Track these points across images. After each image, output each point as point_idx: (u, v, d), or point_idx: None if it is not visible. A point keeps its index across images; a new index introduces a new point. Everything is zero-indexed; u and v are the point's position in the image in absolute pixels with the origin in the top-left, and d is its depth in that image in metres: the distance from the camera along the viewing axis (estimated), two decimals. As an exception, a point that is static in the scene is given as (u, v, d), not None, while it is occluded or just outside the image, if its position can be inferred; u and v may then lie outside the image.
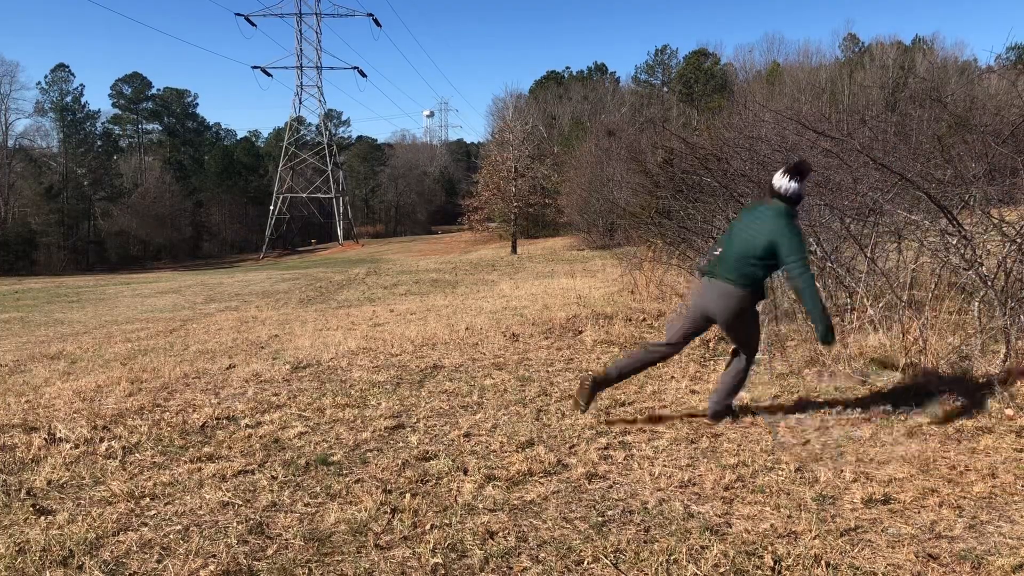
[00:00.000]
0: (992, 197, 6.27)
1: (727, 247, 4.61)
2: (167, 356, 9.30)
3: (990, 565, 2.88)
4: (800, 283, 4.30)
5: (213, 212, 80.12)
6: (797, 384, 5.72)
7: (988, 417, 4.63)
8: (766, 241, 4.37)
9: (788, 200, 4.43)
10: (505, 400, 5.64)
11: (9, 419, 5.41)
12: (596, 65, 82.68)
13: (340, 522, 3.42)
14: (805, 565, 2.90)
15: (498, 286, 19.59)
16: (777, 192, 4.46)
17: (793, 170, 4.43)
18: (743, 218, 4.67)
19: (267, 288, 24.25)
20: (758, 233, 4.43)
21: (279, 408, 5.59)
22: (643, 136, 39.89)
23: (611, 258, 23.19)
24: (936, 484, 3.68)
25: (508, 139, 49.60)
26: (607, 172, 39.20)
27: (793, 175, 4.42)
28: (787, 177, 4.41)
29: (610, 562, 2.99)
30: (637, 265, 13.35)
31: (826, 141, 8.43)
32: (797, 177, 4.42)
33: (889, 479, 3.77)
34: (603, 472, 4.02)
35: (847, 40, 70.66)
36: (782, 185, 4.43)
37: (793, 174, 4.42)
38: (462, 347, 7.98)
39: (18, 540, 3.28)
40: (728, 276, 4.53)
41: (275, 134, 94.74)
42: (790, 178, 4.41)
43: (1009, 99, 12.33)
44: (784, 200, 4.44)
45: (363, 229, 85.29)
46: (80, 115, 77.63)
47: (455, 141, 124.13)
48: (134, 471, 4.24)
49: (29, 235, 61.44)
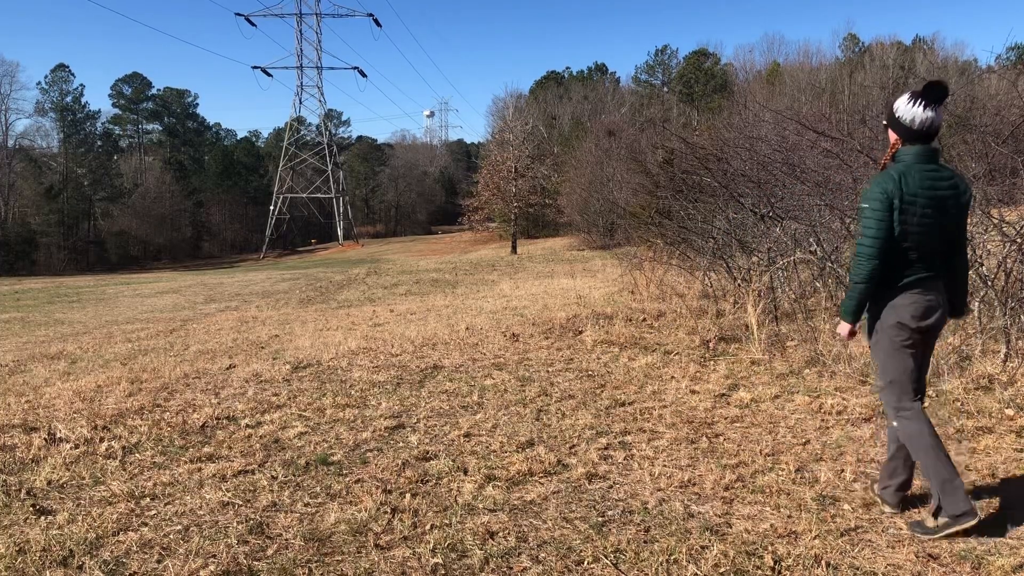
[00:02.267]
0: (992, 197, 6.27)
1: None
2: (167, 356, 9.30)
3: (990, 565, 2.88)
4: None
5: (213, 212, 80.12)
6: (797, 384, 5.72)
7: (988, 417, 4.63)
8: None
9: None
10: (505, 400, 5.64)
11: (9, 419, 5.41)
12: (596, 65, 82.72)
13: (340, 522, 3.42)
14: (805, 565, 2.90)
15: (498, 286, 19.59)
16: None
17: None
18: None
19: (267, 288, 24.24)
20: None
21: (279, 408, 5.58)
22: (643, 136, 39.98)
23: (611, 258, 23.18)
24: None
25: (508, 139, 49.57)
26: (607, 172, 39.25)
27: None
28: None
29: (610, 562, 2.98)
30: (637, 265, 13.35)
31: (826, 141, 8.44)
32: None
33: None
34: (603, 472, 4.01)
35: (847, 40, 70.67)
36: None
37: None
38: (462, 347, 7.98)
39: (18, 540, 3.28)
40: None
41: (275, 134, 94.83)
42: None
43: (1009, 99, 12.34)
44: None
45: (363, 229, 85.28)
46: (80, 115, 77.67)
47: (455, 141, 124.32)
48: (134, 471, 4.24)
49: (29, 235, 61.43)
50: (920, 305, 3.20)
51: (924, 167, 3.18)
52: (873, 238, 3.15)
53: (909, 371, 3.26)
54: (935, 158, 3.23)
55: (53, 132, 74.95)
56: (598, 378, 6.24)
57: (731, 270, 9.59)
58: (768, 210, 8.89)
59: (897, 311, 3.22)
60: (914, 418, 3.24)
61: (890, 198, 3.13)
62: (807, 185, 8.35)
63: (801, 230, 8.18)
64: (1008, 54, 53.27)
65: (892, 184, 3.13)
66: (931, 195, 3.15)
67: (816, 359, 6.20)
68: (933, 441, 3.19)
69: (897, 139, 3.28)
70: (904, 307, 3.20)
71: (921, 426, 3.22)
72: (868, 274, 3.19)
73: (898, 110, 3.24)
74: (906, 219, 3.13)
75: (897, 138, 3.27)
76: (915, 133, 3.20)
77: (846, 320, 3.31)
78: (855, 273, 3.24)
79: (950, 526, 3.10)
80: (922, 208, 3.13)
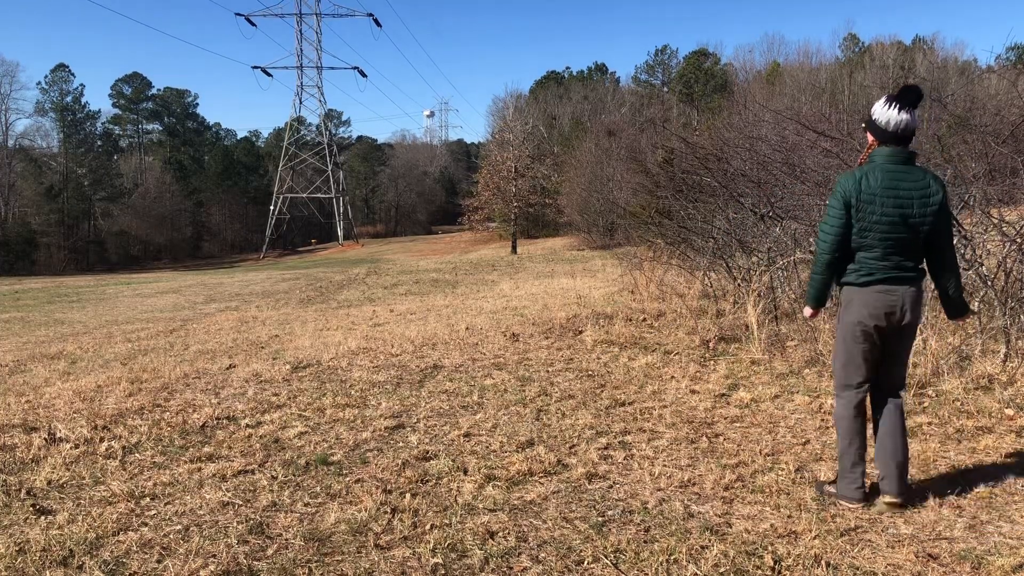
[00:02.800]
0: (992, 197, 6.27)
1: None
2: (167, 356, 9.30)
3: (990, 565, 2.88)
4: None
5: (213, 212, 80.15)
6: (797, 384, 5.72)
7: (988, 417, 4.62)
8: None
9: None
10: (505, 400, 5.64)
11: (9, 419, 5.41)
12: (596, 65, 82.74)
13: (340, 522, 3.42)
14: (805, 565, 2.90)
15: (498, 286, 19.60)
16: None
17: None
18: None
19: (267, 288, 24.24)
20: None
21: (279, 408, 5.59)
22: (643, 136, 40.00)
23: (611, 258, 23.20)
24: (936, 484, 3.67)
25: (508, 139, 49.59)
26: (607, 172, 39.28)
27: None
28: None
29: (610, 562, 2.98)
30: (637, 265, 13.36)
31: (826, 141, 8.44)
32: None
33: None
34: (603, 472, 4.01)
35: (847, 40, 70.70)
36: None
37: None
38: (462, 347, 7.98)
39: (18, 540, 3.28)
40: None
41: (275, 134, 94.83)
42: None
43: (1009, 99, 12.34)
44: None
45: (363, 229, 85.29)
46: (80, 115, 77.72)
47: (455, 141, 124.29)
48: (134, 471, 4.24)
49: (29, 235, 61.44)
50: (879, 304, 3.36)
51: (892, 167, 3.32)
52: (828, 233, 3.38)
53: (857, 362, 3.48)
54: (908, 160, 3.36)
55: (53, 132, 75.12)
56: (598, 378, 6.24)
57: (731, 270, 9.59)
58: (768, 210, 8.88)
59: (857, 307, 3.41)
60: (848, 404, 3.52)
61: (847, 196, 3.32)
62: (807, 185, 8.35)
63: (801, 230, 8.17)
64: (1008, 54, 53.30)
65: (852, 183, 3.33)
66: (892, 195, 3.28)
67: (816, 359, 6.20)
68: (855, 428, 3.50)
69: (874, 140, 3.41)
70: (863, 304, 3.39)
71: (850, 412, 3.51)
72: (824, 266, 3.44)
73: (875, 112, 3.39)
74: (863, 216, 3.30)
75: (874, 139, 3.41)
76: (889, 135, 3.34)
77: (809, 305, 3.62)
78: (814, 265, 3.50)
79: (839, 498, 3.52)
80: (881, 207, 3.27)
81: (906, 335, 3.47)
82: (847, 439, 3.50)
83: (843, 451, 3.52)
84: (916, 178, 3.30)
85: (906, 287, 3.35)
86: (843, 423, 3.52)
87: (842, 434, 3.53)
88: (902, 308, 3.34)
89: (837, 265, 3.41)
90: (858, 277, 3.38)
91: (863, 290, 3.37)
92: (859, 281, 3.38)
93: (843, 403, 3.54)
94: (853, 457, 3.48)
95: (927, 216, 3.29)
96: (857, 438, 3.49)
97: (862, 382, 3.50)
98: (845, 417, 3.51)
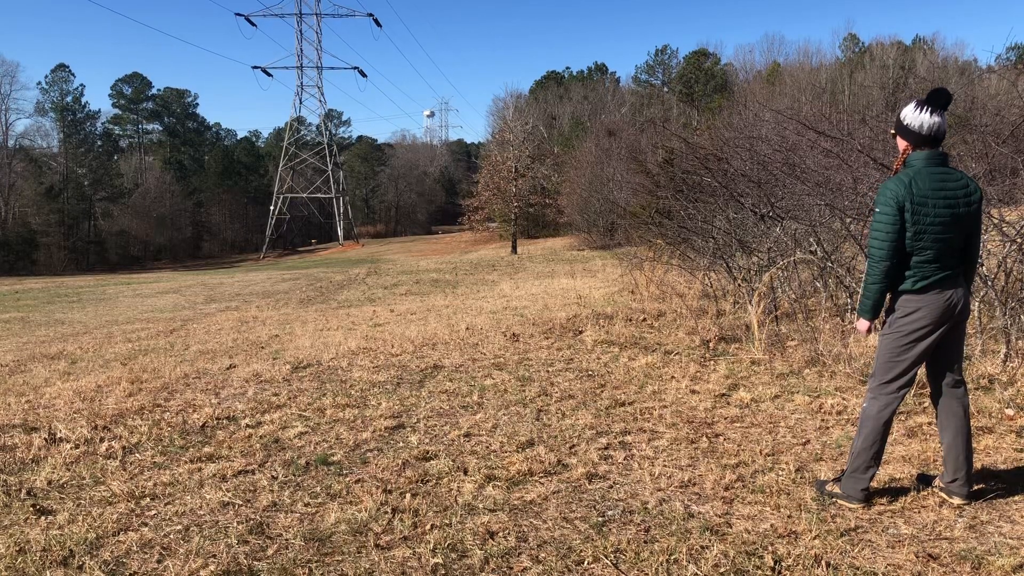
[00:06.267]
0: (992, 197, 6.27)
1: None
2: (167, 356, 9.30)
3: (990, 565, 2.88)
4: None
5: (213, 212, 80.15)
6: (797, 384, 5.72)
7: (988, 417, 4.63)
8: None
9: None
10: (505, 400, 5.64)
11: (9, 419, 5.42)
12: (596, 65, 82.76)
13: (340, 522, 3.42)
14: (805, 565, 2.90)
15: (498, 286, 19.60)
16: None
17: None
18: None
19: (267, 288, 24.24)
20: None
21: (279, 408, 5.59)
22: (643, 136, 40.03)
23: (611, 258, 23.20)
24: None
25: (508, 139, 49.58)
26: (607, 172, 39.27)
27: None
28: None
29: (610, 562, 2.98)
30: (637, 265, 13.36)
31: (826, 141, 8.44)
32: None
33: (889, 479, 3.77)
34: (603, 472, 4.01)
35: (847, 40, 70.64)
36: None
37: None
38: (462, 347, 7.98)
39: (18, 540, 3.28)
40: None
41: (275, 134, 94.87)
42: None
43: (1009, 99, 12.34)
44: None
45: (363, 229, 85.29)
46: (80, 115, 77.71)
47: (455, 141, 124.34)
48: (134, 471, 4.24)
49: (29, 235, 61.43)
50: (938, 307, 3.31)
51: (934, 170, 3.30)
52: (883, 240, 3.28)
53: (905, 365, 3.39)
54: (945, 161, 3.36)
55: (53, 132, 75.06)
56: (598, 378, 6.24)
57: (731, 270, 9.59)
58: (768, 210, 8.89)
59: (918, 314, 3.33)
60: (882, 405, 3.44)
61: (900, 201, 3.25)
62: (807, 185, 8.35)
63: (801, 230, 8.18)
64: (1008, 54, 53.20)
65: (902, 188, 3.26)
66: (942, 196, 3.26)
67: (816, 359, 6.20)
68: (880, 431, 3.43)
69: (907, 145, 3.39)
70: (925, 310, 3.32)
71: (881, 414, 3.43)
72: (881, 274, 3.32)
73: (906, 117, 3.36)
74: (919, 220, 3.24)
75: (907, 144, 3.39)
76: (923, 138, 3.33)
77: (864, 317, 3.44)
78: (869, 274, 3.36)
79: (839, 498, 3.50)
80: (934, 208, 3.24)
81: (961, 331, 3.48)
82: (869, 440, 3.43)
83: (860, 450, 3.45)
84: (956, 178, 3.31)
85: (957, 288, 3.35)
86: (869, 423, 3.44)
87: (865, 434, 3.45)
88: (958, 307, 3.34)
89: (893, 272, 3.32)
90: (915, 283, 3.31)
91: (922, 296, 3.31)
92: (916, 288, 3.31)
93: (877, 404, 3.44)
94: (868, 459, 3.43)
95: (971, 215, 3.32)
96: (879, 441, 3.44)
97: (903, 386, 3.42)
98: (874, 418, 3.43)
